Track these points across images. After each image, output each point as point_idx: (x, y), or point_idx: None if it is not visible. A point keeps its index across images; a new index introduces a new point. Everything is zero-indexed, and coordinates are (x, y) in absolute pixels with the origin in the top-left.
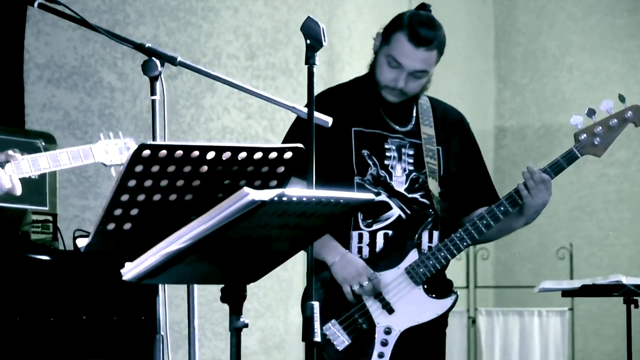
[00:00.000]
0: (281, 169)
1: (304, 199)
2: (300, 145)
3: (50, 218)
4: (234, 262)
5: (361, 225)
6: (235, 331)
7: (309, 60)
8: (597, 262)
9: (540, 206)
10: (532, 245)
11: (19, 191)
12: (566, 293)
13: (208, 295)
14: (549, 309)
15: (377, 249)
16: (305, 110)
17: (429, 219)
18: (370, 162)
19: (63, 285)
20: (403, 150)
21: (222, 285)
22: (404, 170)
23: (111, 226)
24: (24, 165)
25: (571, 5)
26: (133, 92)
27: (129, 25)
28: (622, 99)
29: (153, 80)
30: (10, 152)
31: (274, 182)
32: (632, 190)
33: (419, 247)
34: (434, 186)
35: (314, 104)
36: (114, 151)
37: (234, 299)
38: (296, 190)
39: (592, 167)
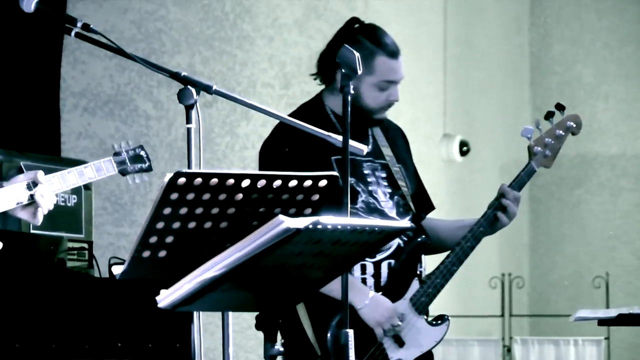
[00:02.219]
0: (316, 197)
1: (339, 227)
2: (335, 173)
3: (85, 245)
4: (268, 290)
5: None
6: (270, 358)
7: (344, 89)
8: (633, 291)
9: (510, 221)
10: (568, 273)
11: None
12: (602, 322)
13: (242, 322)
14: (585, 338)
15: (382, 280)
16: (340, 138)
17: (426, 247)
18: (359, 190)
19: (98, 313)
20: (377, 173)
21: (257, 313)
22: (385, 194)
23: (146, 254)
24: (55, 182)
25: (607, 34)
26: (168, 121)
27: (165, 54)
28: (560, 107)
29: (188, 108)
30: (39, 172)
31: (309, 210)
32: None
33: (419, 276)
34: (414, 208)
35: (284, 132)
36: (130, 160)
37: (269, 327)
38: (331, 218)
39: (629, 195)
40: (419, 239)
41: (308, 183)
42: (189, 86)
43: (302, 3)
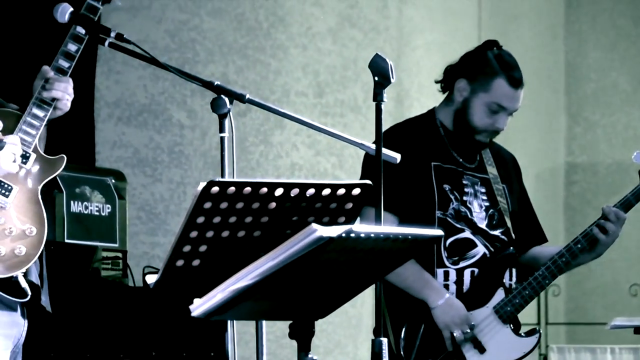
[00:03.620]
0: (349, 206)
1: (372, 235)
2: (368, 181)
3: (120, 255)
4: (302, 299)
5: (446, 263)
6: None
7: (377, 97)
8: None
9: (612, 242)
10: (604, 281)
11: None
12: (639, 330)
13: (277, 331)
14: (621, 346)
15: (465, 287)
16: (374, 146)
17: (514, 260)
18: (452, 197)
19: (133, 322)
20: (476, 187)
21: (291, 322)
22: (481, 206)
23: (180, 262)
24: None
25: None
26: (202, 130)
27: (198, 64)
28: None
29: (222, 117)
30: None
31: (342, 219)
32: None
33: (507, 287)
34: (509, 224)
35: (388, 138)
36: None
37: (303, 335)
38: (364, 227)
39: None
40: (506, 251)
41: (341, 192)
42: (222, 95)
43: (335, 12)
